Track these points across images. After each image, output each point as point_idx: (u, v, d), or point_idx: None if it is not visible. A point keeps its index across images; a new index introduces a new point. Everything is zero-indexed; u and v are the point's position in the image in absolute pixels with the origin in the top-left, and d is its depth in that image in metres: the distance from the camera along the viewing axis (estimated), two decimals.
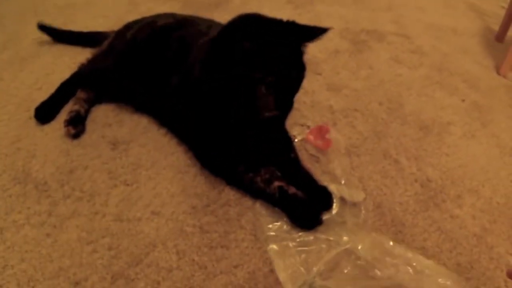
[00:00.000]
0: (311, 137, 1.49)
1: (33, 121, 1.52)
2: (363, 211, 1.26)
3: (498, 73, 2.19)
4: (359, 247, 1.13)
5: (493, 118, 1.79)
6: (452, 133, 1.66)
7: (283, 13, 2.47)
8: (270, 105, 1.13)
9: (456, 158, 1.54)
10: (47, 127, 1.50)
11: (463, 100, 1.87)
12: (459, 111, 1.80)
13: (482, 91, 1.96)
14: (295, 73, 1.16)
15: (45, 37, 2.00)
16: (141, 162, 1.38)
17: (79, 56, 1.82)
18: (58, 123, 1.50)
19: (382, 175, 1.40)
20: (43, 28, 1.91)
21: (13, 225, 1.17)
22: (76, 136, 1.46)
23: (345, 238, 1.15)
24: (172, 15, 1.68)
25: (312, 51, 2.06)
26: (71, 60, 1.84)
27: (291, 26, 1.19)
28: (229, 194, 1.29)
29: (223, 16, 2.32)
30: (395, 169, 1.45)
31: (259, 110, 1.14)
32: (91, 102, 1.60)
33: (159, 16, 1.68)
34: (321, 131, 1.50)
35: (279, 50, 1.12)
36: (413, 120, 1.69)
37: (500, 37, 2.65)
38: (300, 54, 1.18)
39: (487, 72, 2.17)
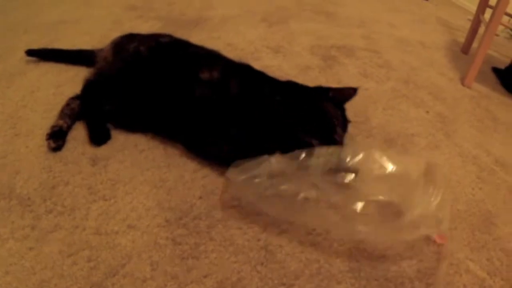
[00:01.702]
0: None
1: (17, 138, 1.49)
2: None
3: (463, 84, 2.20)
4: None
5: (457, 129, 1.79)
6: (416, 144, 1.66)
7: (259, 31, 2.52)
8: (339, 134, 1.37)
9: None
10: (32, 144, 1.47)
11: (427, 112, 1.88)
12: (423, 123, 1.81)
13: (447, 103, 1.97)
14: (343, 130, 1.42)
15: None
16: (119, 177, 1.37)
17: (63, 73, 1.83)
18: (42, 140, 1.47)
19: None
20: (31, 53, 1.89)
21: None
22: (56, 149, 1.44)
23: None
24: (166, 35, 1.70)
25: (284, 68, 2.08)
26: (55, 77, 1.83)
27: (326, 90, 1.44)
28: (200, 207, 1.28)
29: (200, 35, 2.37)
30: None
31: (334, 133, 1.36)
32: (75, 118, 1.57)
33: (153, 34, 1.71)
34: None
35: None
36: (378, 133, 1.69)
37: (465, 49, 2.68)
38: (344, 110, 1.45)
39: (452, 83, 2.18)
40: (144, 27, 1.60)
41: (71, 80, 1.79)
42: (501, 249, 1.28)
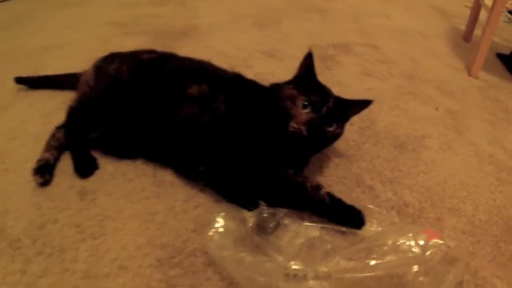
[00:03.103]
0: None
1: (7, 173, 1.37)
2: None
3: (469, 74, 2.05)
4: None
5: (469, 124, 1.64)
6: (428, 147, 1.50)
7: (250, 35, 2.36)
8: (300, 119, 1.12)
9: (434, 175, 1.38)
10: (21, 179, 1.34)
11: (437, 108, 1.72)
12: (433, 121, 1.65)
13: (455, 96, 1.81)
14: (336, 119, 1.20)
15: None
16: (107, 212, 1.23)
17: (51, 101, 1.71)
18: (30, 175, 1.34)
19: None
20: (20, 80, 1.79)
21: None
22: (43, 185, 1.31)
23: None
24: (149, 51, 1.56)
25: (279, 73, 1.92)
26: (43, 106, 1.70)
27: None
28: (195, 242, 1.13)
29: (190, 45, 2.23)
30: (369, 196, 1.28)
31: (289, 119, 1.13)
32: (62, 149, 1.44)
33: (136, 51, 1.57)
34: None
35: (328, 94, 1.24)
36: (386, 138, 1.53)
37: (467, 36, 2.55)
38: (346, 119, 1.27)
39: (458, 74, 2.03)
40: (132, 43, 1.47)
41: (59, 108, 1.65)
42: None
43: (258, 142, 1.18)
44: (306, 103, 1.14)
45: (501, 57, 2.36)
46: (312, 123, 1.12)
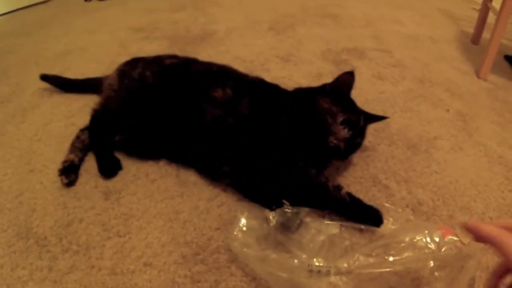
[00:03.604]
0: None
1: (33, 174, 1.40)
2: None
3: (478, 76, 2.05)
4: None
5: (478, 126, 1.64)
6: (440, 148, 1.51)
7: (266, 41, 2.39)
8: (341, 136, 1.19)
9: (446, 175, 1.39)
10: (46, 180, 1.37)
11: (448, 110, 1.72)
12: (444, 123, 1.65)
13: (464, 98, 1.82)
14: (360, 138, 1.29)
15: (45, 86, 1.89)
16: (132, 211, 1.25)
17: (74, 103, 1.74)
18: (55, 176, 1.37)
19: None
20: (45, 78, 1.82)
21: (18, 281, 1.06)
22: (69, 185, 1.34)
23: None
24: (172, 56, 1.58)
25: (296, 77, 1.94)
26: (66, 108, 1.74)
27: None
28: (218, 240, 1.15)
29: (208, 50, 2.25)
30: (385, 195, 1.30)
31: (329, 135, 1.19)
32: (86, 150, 1.47)
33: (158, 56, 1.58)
34: None
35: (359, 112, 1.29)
36: (400, 140, 1.54)
37: (475, 39, 2.54)
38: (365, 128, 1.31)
39: (467, 77, 2.03)
40: (151, 48, 1.49)
41: (82, 110, 1.70)
42: None
43: (282, 143, 1.21)
44: (344, 120, 1.19)
45: (509, 59, 2.35)
46: (348, 140, 1.20)
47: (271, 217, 1.07)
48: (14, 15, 3.29)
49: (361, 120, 1.25)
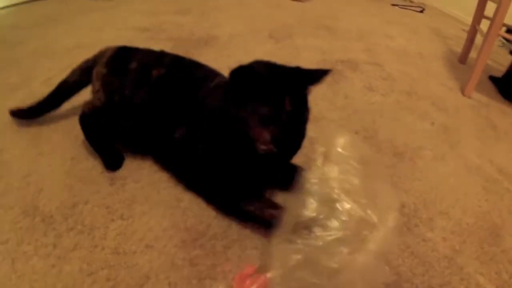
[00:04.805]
0: None
1: (41, 157, 1.44)
2: None
3: (463, 94, 2.12)
4: None
5: (460, 139, 1.71)
6: (423, 157, 1.58)
7: (266, 48, 2.46)
8: (265, 138, 1.00)
9: (428, 181, 1.45)
10: (54, 163, 1.41)
11: (433, 123, 1.79)
12: (429, 134, 1.72)
13: (449, 113, 1.89)
14: (295, 112, 1.02)
15: (54, 78, 1.87)
16: (135, 197, 1.29)
17: (83, 92, 1.66)
18: (63, 159, 1.43)
19: None
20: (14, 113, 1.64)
21: (23, 256, 1.09)
22: None
23: None
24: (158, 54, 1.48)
25: None
26: (74, 97, 1.69)
27: (297, 70, 1.08)
28: (215, 228, 1.20)
29: (210, 53, 2.30)
30: None
31: (254, 142, 1.02)
32: None
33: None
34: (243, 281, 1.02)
35: (281, 92, 1.00)
36: (387, 147, 1.60)
37: (462, 59, 2.61)
38: (304, 96, 1.06)
39: (452, 93, 2.10)
40: (156, 48, 1.53)
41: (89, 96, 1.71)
42: (508, 261, 1.18)
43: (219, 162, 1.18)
44: (261, 118, 1.00)
45: (493, 79, 2.42)
46: (279, 137, 1.01)
47: None
48: (20, 7, 3.33)
49: (286, 104, 0.99)
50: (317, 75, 1.07)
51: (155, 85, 1.34)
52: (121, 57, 1.45)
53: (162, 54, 1.47)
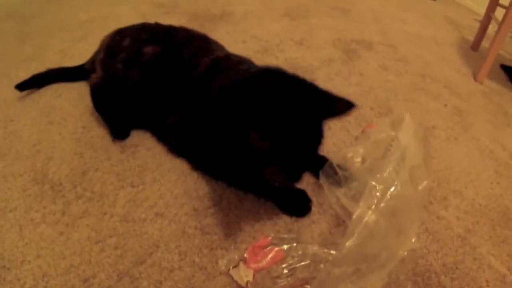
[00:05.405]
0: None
1: (52, 125, 1.42)
2: None
3: (475, 79, 2.08)
4: None
5: (473, 122, 1.67)
6: (437, 136, 1.54)
7: (281, 25, 2.41)
8: (279, 178, 0.94)
9: (442, 160, 1.42)
10: (64, 132, 1.39)
11: (446, 105, 1.75)
12: (442, 115, 1.68)
13: (461, 97, 1.85)
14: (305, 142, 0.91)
15: (67, 49, 1.92)
16: (147, 165, 1.27)
17: None
18: (74, 128, 1.40)
19: None
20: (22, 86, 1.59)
21: (31, 223, 1.07)
22: None
23: None
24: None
25: (308, 59, 1.97)
26: None
27: (312, 96, 0.90)
28: (229, 197, 1.17)
29: (225, 28, 2.26)
30: None
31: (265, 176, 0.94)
32: None
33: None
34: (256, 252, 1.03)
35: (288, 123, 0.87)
36: None
37: (475, 46, 2.57)
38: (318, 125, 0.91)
39: (465, 78, 2.06)
40: (171, 22, 1.50)
41: None
42: None
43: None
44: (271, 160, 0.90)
45: (505, 68, 2.39)
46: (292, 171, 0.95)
47: None
48: None
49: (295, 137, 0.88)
50: (338, 108, 0.92)
51: (147, 65, 1.31)
52: (116, 39, 1.43)
53: (154, 28, 1.46)
